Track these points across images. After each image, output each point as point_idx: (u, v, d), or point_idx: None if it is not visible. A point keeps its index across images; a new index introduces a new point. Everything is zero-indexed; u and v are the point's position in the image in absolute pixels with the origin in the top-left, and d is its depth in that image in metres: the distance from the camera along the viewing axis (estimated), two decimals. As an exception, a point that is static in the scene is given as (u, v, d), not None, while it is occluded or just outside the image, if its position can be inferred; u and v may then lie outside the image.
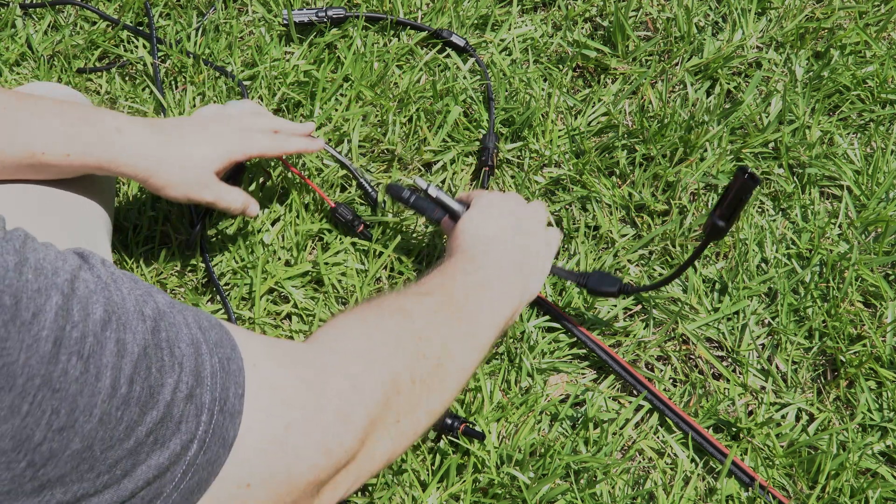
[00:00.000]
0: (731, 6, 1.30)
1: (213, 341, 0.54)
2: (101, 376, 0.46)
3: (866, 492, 0.90)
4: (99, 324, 0.47)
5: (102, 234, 0.93)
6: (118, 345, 0.47)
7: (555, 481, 0.90)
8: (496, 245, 0.88)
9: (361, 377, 0.61)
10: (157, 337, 0.50)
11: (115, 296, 0.50)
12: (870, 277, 1.04)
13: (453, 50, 1.27)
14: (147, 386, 0.48)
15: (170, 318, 0.52)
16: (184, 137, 0.88)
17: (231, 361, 0.54)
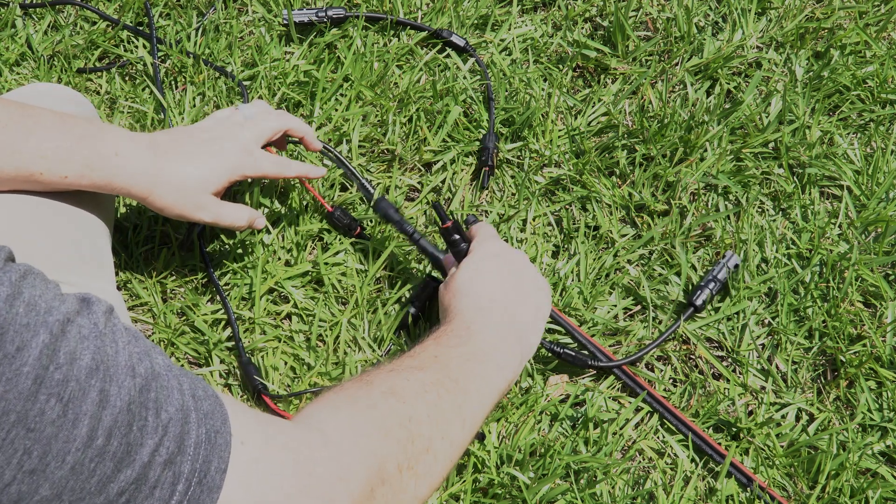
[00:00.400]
0: (731, 6, 1.30)
1: (203, 411, 0.53)
2: (79, 423, 0.45)
3: (866, 492, 0.90)
4: (84, 370, 0.46)
5: (103, 237, 0.93)
6: (101, 395, 0.47)
7: (555, 481, 0.90)
8: (494, 310, 0.85)
9: (348, 466, 0.60)
10: (144, 396, 0.50)
11: (109, 347, 0.49)
12: (870, 277, 1.04)
13: (453, 50, 1.27)
14: (126, 442, 0.48)
15: (163, 381, 0.52)
16: (182, 157, 0.87)
17: (219, 435, 0.53)
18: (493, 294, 0.86)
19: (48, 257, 0.85)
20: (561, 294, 1.05)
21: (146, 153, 0.85)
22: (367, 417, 0.65)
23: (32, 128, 0.79)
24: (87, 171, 0.82)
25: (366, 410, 0.66)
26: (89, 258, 0.89)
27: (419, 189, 1.16)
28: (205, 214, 0.90)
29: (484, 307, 0.84)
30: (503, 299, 0.86)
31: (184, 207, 0.88)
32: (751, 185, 1.14)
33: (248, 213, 0.95)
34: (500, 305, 0.85)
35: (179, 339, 1.01)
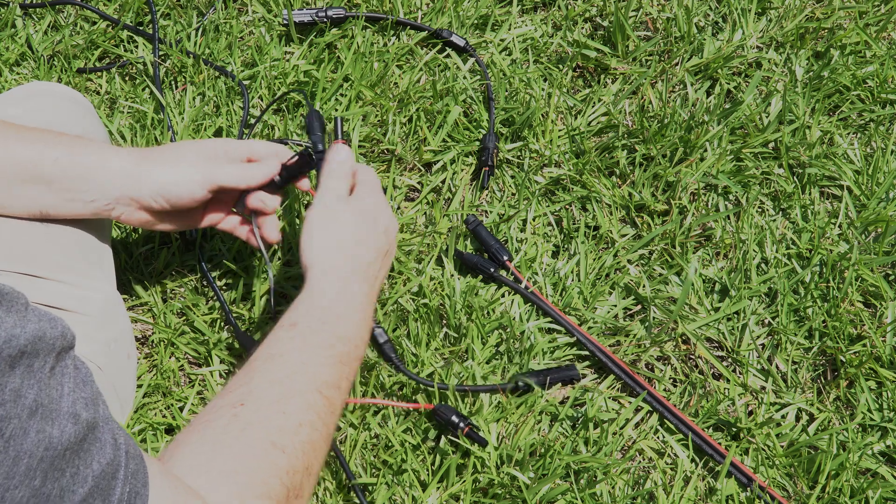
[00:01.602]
0: (731, 6, 1.30)
1: (131, 470, 0.54)
2: (19, 461, 0.46)
3: (866, 492, 0.90)
4: (27, 410, 0.47)
5: (104, 237, 0.93)
6: (41, 436, 0.48)
7: (555, 481, 0.90)
8: (341, 258, 0.85)
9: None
10: (80, 445, 0.50)
11: (54, 390, 0.50)
12: (870, 277, 1.04)
13: (453, 50, 1.27)
14: (59, 487, 0.49)
15: (100, 433, 0.53)
16: (160, 164, 0.88)
17: (138, 497, 0.54)
18: (341, 241, 0.86)
19: (49, 257, 0.85)
20: (561, 294, 1.05)
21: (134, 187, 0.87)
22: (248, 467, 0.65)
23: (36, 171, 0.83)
24: (88, 208, 0.86)
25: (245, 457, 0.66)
26: (89, 258, 0.89)
27: (419, 189, 1.16)
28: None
29: (336, 260, 0.85)
30: (350, 246, 0.86)
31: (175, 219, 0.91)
32: (751, 185, 1.14)
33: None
34: (347, 252, 0.85)
35: (179, 339, 1.01)
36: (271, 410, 0.69)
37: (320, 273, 0.83)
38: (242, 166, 0.90)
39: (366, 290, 0.84)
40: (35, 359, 0.49)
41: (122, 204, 0.85)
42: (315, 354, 0.76)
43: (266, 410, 0.69)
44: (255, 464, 0.65)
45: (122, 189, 0.85)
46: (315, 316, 0.79)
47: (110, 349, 0.88)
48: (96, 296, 0.87)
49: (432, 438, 0.94)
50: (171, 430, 0.96)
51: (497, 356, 1.00)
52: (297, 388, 0.72)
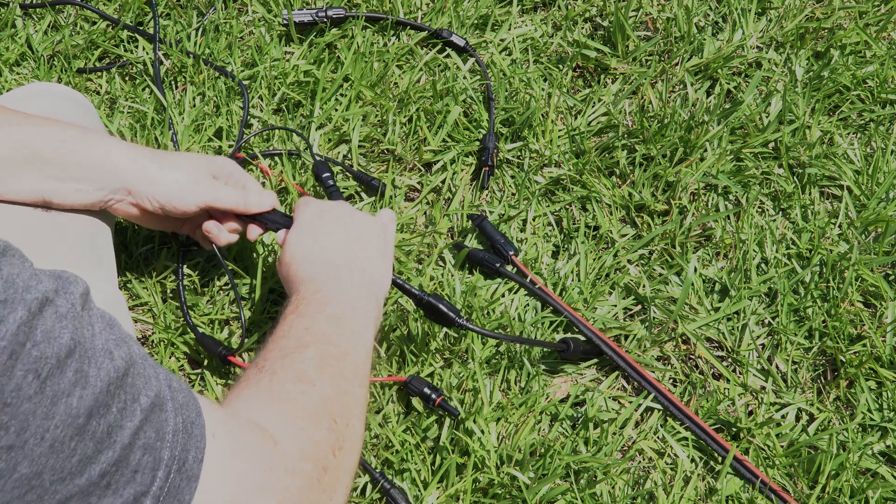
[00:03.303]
0: (731, 6, 1.30)
1: (179, 402, 0.54)
2: (57, 402, 0.45)
3: (866, 492, 0.90)
4: (63, 349, 0.46)
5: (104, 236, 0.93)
6: (79, 374, 0.47)
7: (555, 481, 0.90)
8: (335, 263, 0.85)
9: (296, 462, 0.62)
10: (123, 380, 0.50)
11: (86, 329, 0.49)
12: (870, 277, 1.04)
13: (453, 50, 1.27)
14: (106, 424, 0.48)
15: (139, 368, 0.52)
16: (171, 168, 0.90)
17: (194, 426, 0.54)
18: (327, 248, 0.86)
19: (50, 257, 0.85)
20: (561, 294, 1.05)
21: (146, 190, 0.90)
22: (294, 410, 0.67)
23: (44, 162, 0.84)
24: (94, 200, 0.87)
25: (289, 403, 0.67)
26: (90, 258, 0.89)
27: (419, 189, 1.16)
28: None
29: (324, 264, 0.84)
30: (339, 250, 0.86)
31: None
32: (751, 185, 1.14)
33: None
34: (338, 256, 0.85)
35: (179, 338, 1.01)
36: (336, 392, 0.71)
37: (314, 287, 0.83)
38: (241, 192, 0.92)
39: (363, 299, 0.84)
40: (62, 300, 0.49)
41: (119, 194, 0.87)
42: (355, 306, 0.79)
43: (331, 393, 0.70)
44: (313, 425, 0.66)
45: (124, 181, 0.85)
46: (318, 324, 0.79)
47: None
48: (97, 295, 0.87)
49: (432, 438, 0.94)
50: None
51: (497, 356, 1.00)
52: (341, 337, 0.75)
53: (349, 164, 1.15)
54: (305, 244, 0.86)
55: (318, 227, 0.88)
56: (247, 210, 0.92)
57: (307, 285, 0.82)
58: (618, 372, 1.00)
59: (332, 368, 0.73)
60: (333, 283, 0.82)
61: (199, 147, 1.16)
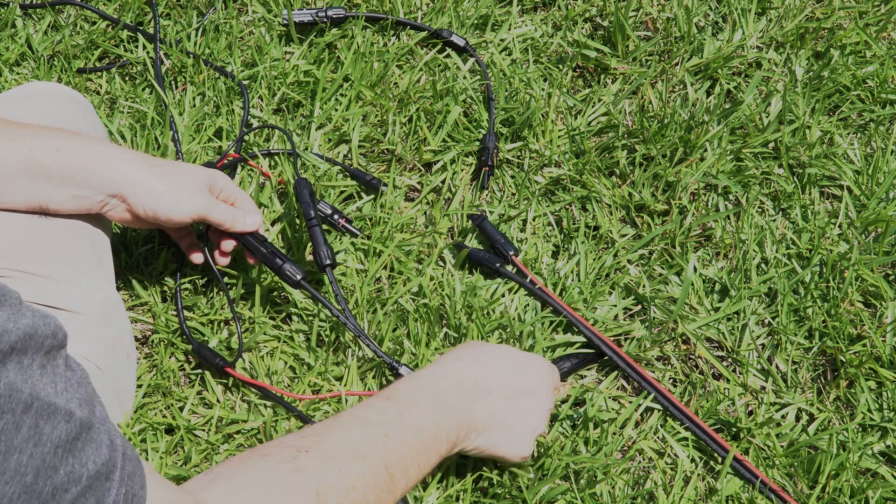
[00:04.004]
0: (731, 6, 1.30)
1: (128, 472, 0.54)
2: (9, 457, 0.45)
3: (866, 492, 0.90)
4: (21, 404, 0.46)
5: (103, 236, 0.93)
6: (33, 431, 0.47)
7: (555, 481, 0.90)
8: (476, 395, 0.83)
9: None
10: (74, 444, 0.50)
11: (49, 386, 0.49)
12: (870, 277, 1.04)
13: (453, 50, 1.27)
14: (52, 485, 0.48)
15: (95, 433, 0.52)
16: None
17: (135, 499, 0.53)
18: (489, 368, 0.86)
19: (49, 257, 0.85)
20: (561, 294, 1.05)
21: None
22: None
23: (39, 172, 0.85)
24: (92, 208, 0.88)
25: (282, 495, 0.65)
26: (90, 258, 0.89)
27: (419, 189, 1.16)
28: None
29: (470, 371, 0.84)
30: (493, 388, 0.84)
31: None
32: (751, 185, 1.14)
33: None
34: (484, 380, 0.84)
35: (178, 338, 1.01)
36: (330, 465, 0.68)
37: (444, 372, 0.83)
38: (234, 209, 0.95)
39: (466, 421, 0.81)
40: (24, 355, 0.48)
41: (114, 201, 0.87)
42: (398, 432, 0.74)
43: (325, 462, 0.68)
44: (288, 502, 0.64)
45: (119, 189, 0.86)
46: (417, 396, 0.79)
47: (110, 349, 0.88)
48: (96, 296, 0.87)
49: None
50: (171, 430, 0.96)
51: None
52: (366, 455, 0.71)
53: (349, 164, 1.15)
54: (486, 353, 0.87)
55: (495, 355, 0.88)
56: (232, 228, 0.95)
57: (438, 374, 0.83)
58: (617, 372, 1.00)
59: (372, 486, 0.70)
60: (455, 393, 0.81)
61: (200, 147, 1.16)
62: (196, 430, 0.95)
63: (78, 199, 0.85)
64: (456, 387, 0.82)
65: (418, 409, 0.77)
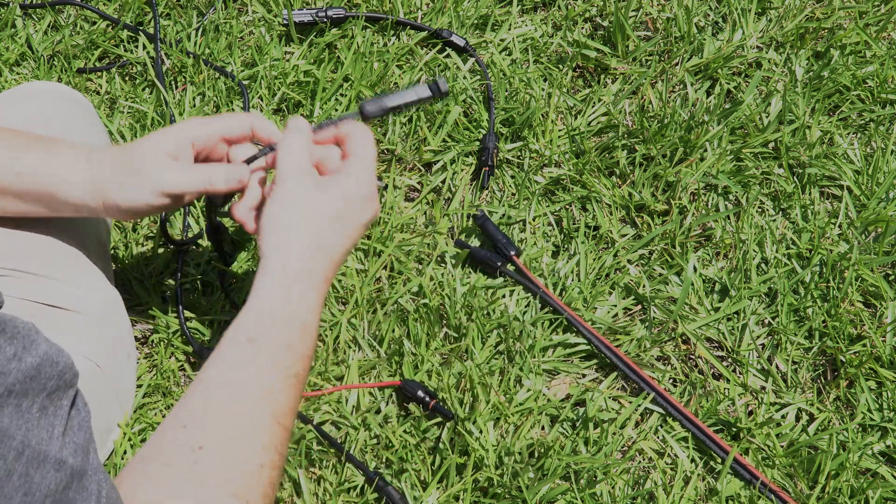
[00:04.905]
0: (731, 6, 1.30)
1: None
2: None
3: (866, 492, 0.90)
4: (13, 451, 0.46)
5: (102, 236, 0.93)
6: (23, 479, 0.47)
7: (555, 481, 0.90)
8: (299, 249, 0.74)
9: None
10: (65, 493, 0.49)
11: (44, 431, 0.49)
12: (870, 277, 1.04)
13: (453, 50, 1.27)
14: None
15: (85, 482, 0.51)
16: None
17: None
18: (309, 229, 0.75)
19: (49, 257, 0.85)
20: (561, 294, 1.05)
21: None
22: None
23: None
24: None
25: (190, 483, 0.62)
26: (89, 258, 0.89)
27: (419, 189, 1.16)
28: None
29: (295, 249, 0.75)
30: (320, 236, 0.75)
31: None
32: (751, 185, 1.14)
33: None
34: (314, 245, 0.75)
35: (178, 338, 1.01)
36: (232, 456, 0.64)
37: (280, 269, 0.73)
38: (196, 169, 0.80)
39: (325, 289, 0.75)
40: (24, 398, 0.48)
41: (94, 210, 0.81)
42: (276, 380, 0.69)
43: (226, 456, 0.64)
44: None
45: (87, 201, 0.80)
46: (278, 331, 0.71)
47: (110, 349, 0.88)
48: (96, 295, 0.87)
49: (432, 438, 0.94)
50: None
51: (497, 356, 1.00)
52: (259, 424, 0.66)
53: None
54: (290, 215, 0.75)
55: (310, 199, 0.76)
56: (214, 191, 0.80)
57: (274, 279, 0.73)
58: (616, 372, 1.00)
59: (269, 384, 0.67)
60: (299, 286, 0.73)
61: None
62: (196, 430, 0.95)
63: (57, 212, 0.81)
64: (308, 280, 0.73)
65: (291, 346, 0.70)
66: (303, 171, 0.77)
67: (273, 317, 0.71)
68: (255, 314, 0.72)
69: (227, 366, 0.69)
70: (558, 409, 0.97)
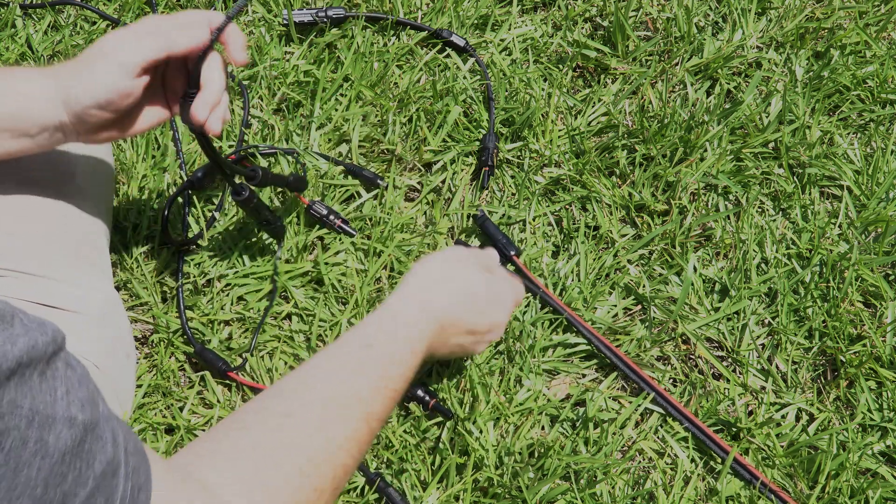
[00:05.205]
0: (731, 6, 1.30)
1: (132, 466, 0.54)
2: (19, 473, 0.46)
3: (866, 492, 0.90)
4: (24, 420, 0.47)
5: (102, 236, 0.93)
6: (39, 444, 0.48)
7: (555, 481, 0.90)
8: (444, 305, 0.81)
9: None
10: (80, 447, 0.50)
11: (48, 395, 0.49)
12: (870, 277, 1.04)
13: (453, 50, 1.27)
14: (61, 492, 0.49)
15: (99, 431, 0.52)
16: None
17: (141, 492, 0.54)
18: (460, 291, 0.84)
19: (49, 257, 0.85)
20: (561, 294, 1.05)
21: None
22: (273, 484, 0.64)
23: None
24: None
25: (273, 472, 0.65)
26: (89, 258, 0.89)
27: (419, 189, 1.16)
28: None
29: (443, 299, 0.82)
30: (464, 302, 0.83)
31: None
32: (751, 185, 1.14)
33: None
34: (457, 306, 0.83)
35: (178, 338, 1.01)
36: (316, 432, 0.68)
37: (420, 305, 0.80)
38: (154, 36, 0.79)
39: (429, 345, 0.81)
40: (27, 368, 0.49)
41: (67, 128, 0.79)
42: (379, 386, 0.73)
43: (311, 431, 0.67)
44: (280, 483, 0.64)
45: (57, 114, 0.78)
46: (394, 347, 0.76)
47: (110, 349, 0.88)
48: (96, 296, 0.87)
49: (432, 438, 0.95)
50: (171, 430, 0.96)
51: (497, 356, 1.00)
52: (350, 415, 0.70)
53: (349, 163, 1.14)
54: (451, 272, 0.84)
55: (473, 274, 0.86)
56: (174, 49, 0.79)
57: (411, 308, 0.80)
58: (616, 372, 1.00)
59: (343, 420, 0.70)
60: (429, 327, 0.80)
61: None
62: (196, 430, 0.95)
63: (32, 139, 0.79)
64: (428, 327, 0.79)
65: (399, 363, 0.75)
66: (482, 263, 0.88)
67: (395, 334, 0.77)
68: (379, 326, 0.77)
69: (338, 361, 0.73)
70: (558, 409, 0.97)
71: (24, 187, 0.86)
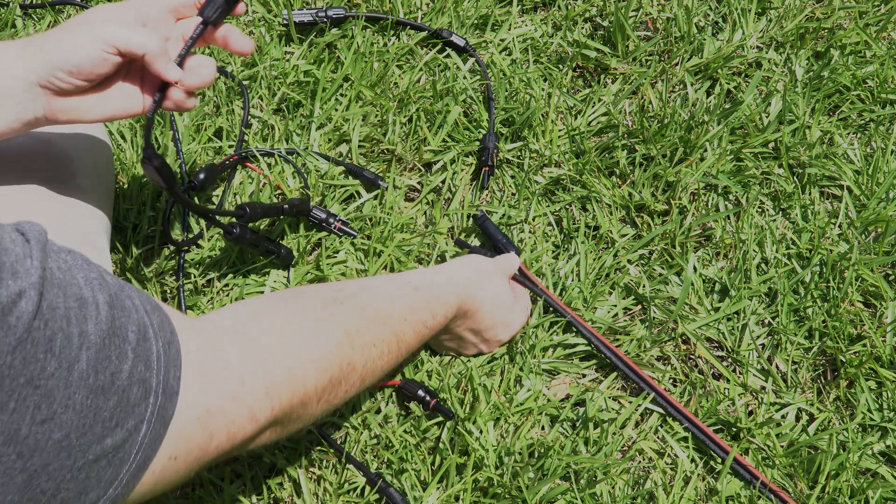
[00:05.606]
0: (731, 6, 1.30)
1: (157, 325, 0.56)
2: (72, 370, 0.49)
3: (866, 492, 0.90)
4: (64, 319, 0.49)
5: (102, 235, 0.93)
6: (82, 338, 0.50)
7: (555, 481, 0.90)
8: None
9: (278, 385, 0.65)
10: (113, 325, 0.53)
11: (72, 287, 0.52)
12: (870, 277, 1.04)
13: (453, 50, 1.27)
14: (109, 373, 0.51)
15: (121, 302, 0.55)
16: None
17: (171, 345, 0.57)
18: (500, 294, 0.97)
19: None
20: (561, 294, 1.05)
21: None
22: (308, 335, 0.72)
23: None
24: None
25: (316, 333, 0.73)
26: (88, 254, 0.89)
27: (419, 189, 1.16)
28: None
29: (489, 284, 0.96)
30: (501, 300, 0.97)
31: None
32: (751, 185, 1.14)
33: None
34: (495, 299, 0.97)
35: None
36: (360, 318, 0.77)
37: (470, 272, 0.95)
38: (138, 30, 0.77)
39: (449, 318, 0.91)
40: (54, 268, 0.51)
41: (38, 98, 0.76)
42: (416, 318, 0.84)
43: (356, 315, 0.77)
44: (322, 342, 0.71)
45: (26, 81, 0.75)
46: (435, 296, 0.88)
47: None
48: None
49: (432, 438, 0.95)
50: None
51: (496, 356, 1.00)
52: (389, 324, 0.80)
53: (349, 163, 1.14)
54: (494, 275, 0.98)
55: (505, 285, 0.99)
56: (142, 52, 0.76)
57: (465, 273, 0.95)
58: (616, 372, 1.00)
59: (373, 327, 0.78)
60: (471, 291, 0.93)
61: (200, 147, 1.16)
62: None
63: (4, 116, 0.76)
64: (468, 298, 0.93)
65: (441, 304, 0.88)
66: (502, 268, 1.01)
67: (439, 287, 0.90)
68: (431, 277, 0.91)
69: (393, 285, 0.86)
70: (558, 409, 0.97)
71: (23, 187, 0.86)
